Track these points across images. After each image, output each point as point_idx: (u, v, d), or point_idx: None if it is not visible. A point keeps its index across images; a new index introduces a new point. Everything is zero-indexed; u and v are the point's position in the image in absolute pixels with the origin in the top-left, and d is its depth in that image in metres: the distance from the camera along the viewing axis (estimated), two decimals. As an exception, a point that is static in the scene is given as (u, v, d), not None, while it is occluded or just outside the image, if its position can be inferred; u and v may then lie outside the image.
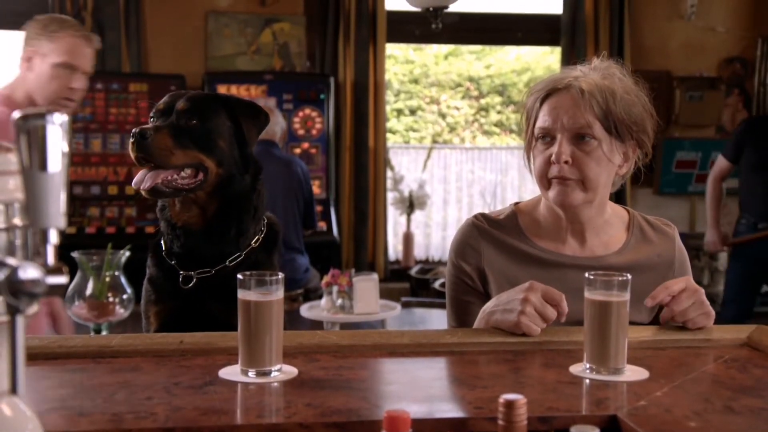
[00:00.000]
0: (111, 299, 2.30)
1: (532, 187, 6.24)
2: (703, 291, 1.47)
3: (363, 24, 5.36)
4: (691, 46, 5.69)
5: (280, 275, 1.26)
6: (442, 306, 4.49)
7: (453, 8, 3.96)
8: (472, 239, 1.65)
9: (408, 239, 5.75)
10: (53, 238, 0.77)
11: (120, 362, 1.30)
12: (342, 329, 3.64)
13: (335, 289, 3.65)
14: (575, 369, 1.26)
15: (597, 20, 5.49)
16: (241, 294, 1.24)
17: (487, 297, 1.60)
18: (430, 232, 6.27)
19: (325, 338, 1.38)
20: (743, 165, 4.13)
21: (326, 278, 3.66)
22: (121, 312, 2.26)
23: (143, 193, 1.65)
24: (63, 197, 0.77)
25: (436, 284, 5.08)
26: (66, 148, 0.77)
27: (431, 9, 3.63)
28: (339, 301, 3.64)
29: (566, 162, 1.52)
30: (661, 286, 1.45)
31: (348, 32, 5.35)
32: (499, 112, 8.67)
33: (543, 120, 1.56)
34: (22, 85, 2.48)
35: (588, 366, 1.25)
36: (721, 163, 4.19)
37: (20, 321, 0.75)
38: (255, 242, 1.73)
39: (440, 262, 6.04)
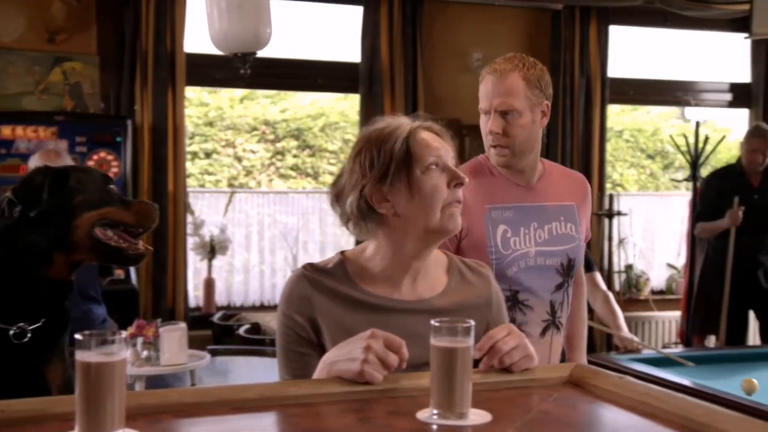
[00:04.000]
0: None
1: (332, 230, 6.34)
2: (524, 335, 1.56)
3: (161, 66, 5.25)
4: (478, 96, 6.06)
5: (124, 333, 1.20)
6: (250, 353, 4.43)
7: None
8: (303, 290, 1.65)
9: (209, 285, 5.63)
10: None
11: (-64, 438, 1.17)
12: (148, 382, 3.49)
13: (140, 340, 3.49)
14: (422, 415, 1.29)
15: (393, 70, 5.72)
16: (81, 355, 1.17)
17: (321, 347, 1.61)
18: (232, 278, 6.17)
19: (166, 397, 1.32)
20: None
21: (131, 329, 3.50)
22: None
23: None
24: None
25: (241, 330, 5.00)
26: None
27: (239, 54, 3.63)
28: (145, 353, 3.48)
29: None
30: (486, 336, 1.52)
31: (145, 74, 5.21)
32: (295, 156, 8.75)
33: None
34: None
35: (435, 412, 1.29)
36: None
37: None
38: None
39: (243, 308, 5.96)
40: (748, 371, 3.27)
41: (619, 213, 6.25)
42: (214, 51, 4.08)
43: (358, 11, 5.78)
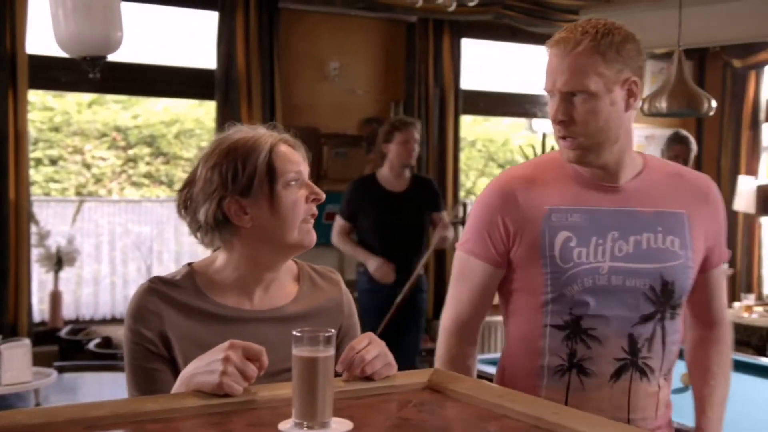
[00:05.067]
0: None
1: (188, 239, 6.19)
2: (384, 343, 1.58)
3: (1, 68, 4.96)
4: (336, 105, 6.11)
5: (-38, 353, 1.12)
6: (100, 368, 4.26)
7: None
8: (150, 304, 1.61)
9: (56, 298, 5.37)
10: None
11: None
12: (-12, 403, 3.29)
13: (-22, 359, 3.29)
14: (284, 426, 1.28)
15: (249, 78, 5.65)
16: None
17: (172, 362, 1.58)
18: (81, 290, 5.90)
19: (8, 419, 1.24)
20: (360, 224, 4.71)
21: (-32, 348, 3.29)
22: None
23: None
24: None
25: (91, 345, 4.80)
26: None
27: (88, 58, 3.48)
28: (-16, 373, 3.28)
29: None
30: (348, 348, 1.53)
31: (-18, 75, 4.92)
32: (148, 164, 8.50)
33: None
34: None
35: (297, 422, 1.28)
36: (339, 222, 4.72)
37: None
38: None
39: (92, 321, 5.72)
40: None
41: (472, 220, 6.43)
42: (60, 53, 3.90)
43: (213, 17, 5.68)
